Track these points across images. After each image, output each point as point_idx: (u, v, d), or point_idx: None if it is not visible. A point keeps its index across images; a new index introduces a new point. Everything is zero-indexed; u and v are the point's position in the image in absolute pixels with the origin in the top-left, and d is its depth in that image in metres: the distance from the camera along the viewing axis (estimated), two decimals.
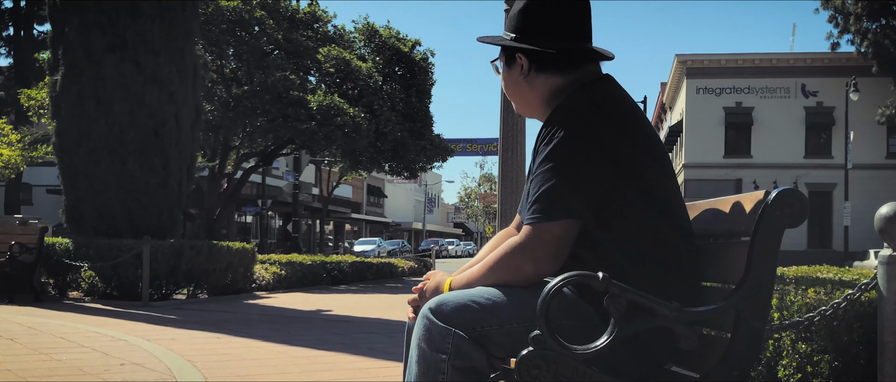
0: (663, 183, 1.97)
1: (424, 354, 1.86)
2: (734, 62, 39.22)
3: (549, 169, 1.90)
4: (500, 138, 9.10)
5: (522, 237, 1.92)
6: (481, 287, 1.95)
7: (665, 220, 1.94)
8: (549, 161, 1.91)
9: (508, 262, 1.93)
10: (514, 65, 2.12)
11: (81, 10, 10.89)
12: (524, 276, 1.92)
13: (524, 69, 2.10)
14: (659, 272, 1.91)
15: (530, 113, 2.20)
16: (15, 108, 26.63)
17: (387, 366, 5.25)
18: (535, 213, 1.91)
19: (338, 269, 16.57)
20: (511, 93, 2.18)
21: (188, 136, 11.63)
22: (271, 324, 7.93)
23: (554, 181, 1.89)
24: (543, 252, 1.90)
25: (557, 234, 1.89)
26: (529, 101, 2.15)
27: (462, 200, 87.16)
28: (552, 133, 1.93)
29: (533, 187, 1.94)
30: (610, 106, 1.95)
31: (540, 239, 1.89)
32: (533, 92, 2.12)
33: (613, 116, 1.94)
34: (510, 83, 2.16)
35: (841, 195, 34.81)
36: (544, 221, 1.89)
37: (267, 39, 19.88)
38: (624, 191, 1.90)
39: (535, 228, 1.90)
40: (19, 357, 5.27)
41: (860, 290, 3.12)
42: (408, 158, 22.69)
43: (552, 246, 1.89)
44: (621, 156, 1.90)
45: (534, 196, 1.92)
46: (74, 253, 10.54)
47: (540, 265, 1.90)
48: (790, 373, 3.42)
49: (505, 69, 2.17)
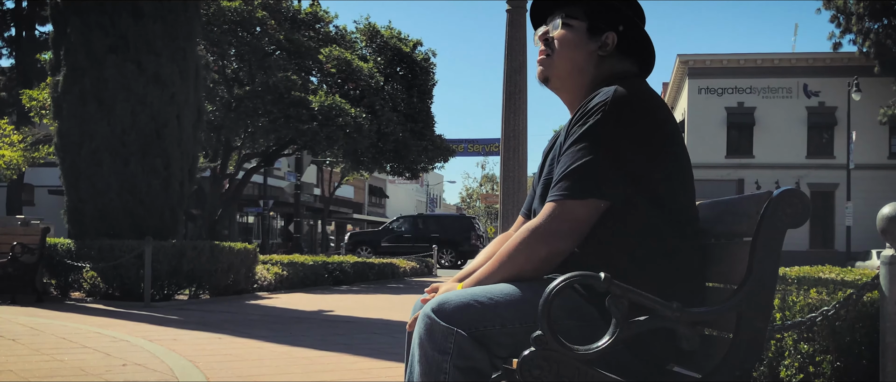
0: (677, 185, 1.96)
1: (426, 353, 1.86)
2: (736, 62, 39.22)
3: (582, 148, 1.88)
4: (502, 139, 9.10)
5: (541, 217, 1.90)
6: (483, 287, 1.94)
7: (669, 221, 1.93)
8: (583, 140, 1.89)
9: (522, 246, 1.91)
10: (597, 37, 2.08)
11: (83, 10, 10.90)
12: (539, 258, 1.89)
13: (609, 46, 2.07)
14: (661, 272, 1.91)
15: (567, 88, 2.15)
16: (17, 108, 26.67)
17: (389, 366, 5.25)
18: (562, 190, 1.88)
19: (339, 269, 16.56)
20: (568, 62, 2.10)
21: (190, 136, 11.63)
22: (273, 324, 7.93)
23: (587, 159, 1.87)
24: (564, 229, 1.87)
25: (581, 213, 1.87)
26: (582, 76, 2.10)
27: (464, 200, 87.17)
28: (591, 114, 1.90)
29: (562, 164, 1.91)
30: (651, 101, 1.95)
31: (562, 217, 1.87)
32: (594, 69, 2.09)
33: (654, 110, 1.94)
34: (576, 52, 2.09)
35: (843, 196, 34.80)
36: (570, 198, 1.87)
37: (268, 40, 19.90)
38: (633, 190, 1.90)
39: (559, 205, 1.88)
40: (21, 358, 5.27)
41: (862, 290, 3.11)
42: (409, 158, 22.69)
43: (574, 224, 1.87)
44: (648, 152, 1.90)
45: (563, 173, 1.89)
46: (76, 254, 10.55)
47: (556, 242, 1.88)
48: (792, 374, 3.42)
49: (580, 36, 2.10)
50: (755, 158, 38.95)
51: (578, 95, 2.11)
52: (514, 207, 8.84)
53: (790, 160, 38.32)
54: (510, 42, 9.02)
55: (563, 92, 2.16)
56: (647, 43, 2.12)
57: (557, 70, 2.13)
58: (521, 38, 9.03)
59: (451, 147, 24.76)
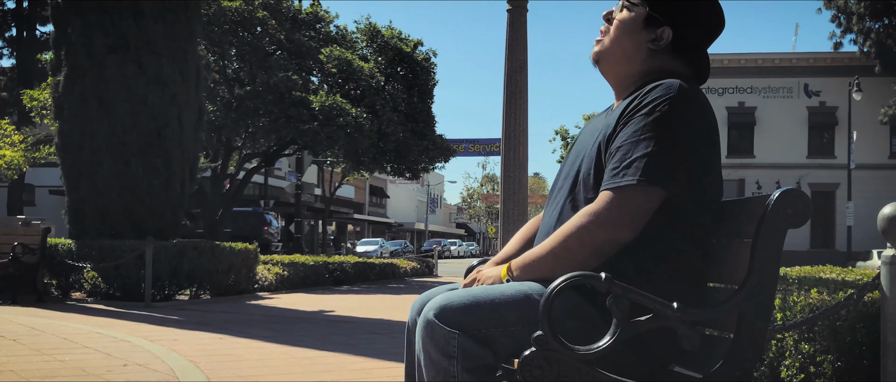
0: (710, 189, 1.96)
1: (432, 358, 1.85)
2: (737, 62, 39.20)
3: (649, 137, 1.86)
4: (503, 139, 9.10)
5: (601, 202, 1.87)
6: (485, 287, 1.94)
7: (673, 222, 1.93)
8: (650, 131, 1.87)
9: (580, 231, 1.88)
10: (652, 28, 2.05)
11: (84, 10, 10.90)
12: (595, 243, 1.86)
13: (663, 41, 2.05)
14: (662, 272, 1.91)
15: (614, 73, 2.13)
16: (18, 108, 26.68)
17: (390, 367, 5.25)
18: (626, 176, 1.86)
19: (340, 269, 16.57)
20: (618, 47, 2.08)
21: (191, 137, 11.63)
22: (274, 325, 7.94)
23: (654, 150, 1.85)
24: (626, 217, 1.85)
25: (644, 201, 1.86)
26: (630, 64, 2.08)
27: (464, 200, 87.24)
28: (657, 104, 1.88)
29: (625, 151, 1.88)
30: (708, 105, 1.96)
31: (625, 205, 1.85)
32: (644, 62, 2.07)
33: (712, 116, 1.96)
34: (629, 40, 2.07)
35: (844, 195, 34.78)
36: (636, 186, 1.85)
37: (269, 40, 19.89)
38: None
39: (621, 191, 1.86)
40: (22, 358, 5.28)
41: (863, 290, 3.11)
42: (410, 158, 22.68)
43: (637, 212, 1.86)
44: (701, 154, 1.91)
45: (628, 160, 1.87)
46: (77, 254, 10.55)
47: (618, 231, 1.86)
48: (793, 374, 3.42)
49: (637, 23, 2.07)
50: (756, 158, 38.93)
51: (625, 83, 2.10)
52: (515, 206, 8.85)
53: (791, 160, 38.30)
54: (511, 42, 9.02)
55: (611, 77, 2.14)
56: (703, 51, 2.09)
57: (609, 53, 2.11)
58: (522, 39, 9.03)
59: (451, 147, 24.75)
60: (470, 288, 1.95)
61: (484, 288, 1.93)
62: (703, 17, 2.08)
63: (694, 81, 2.04)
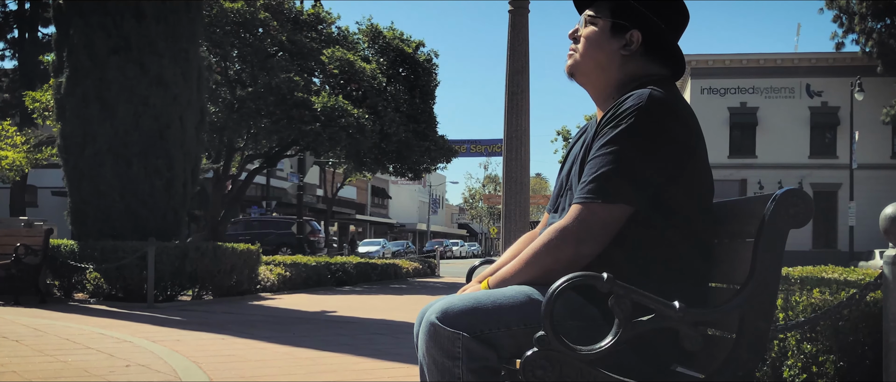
0: (697, 191, 1.95)
1: (436, 360, 1.86)
2: (738, 62, 39.17)
3: (613, 151, 1.87)
4: (505, 139, 9.09)
5: (569, 218, 1.89)
6: (486, 290, 1.95)
7: (677, 224, 1.93)
8: (614, 144, 1.87)
9: (548, 247, 1.90)
10: (620, 36, 2.05)
11: (86, 12, 10.91)
12: (565, 259, 1.88)
13: (634, 45, 2.04)
14: (663, 272, 1.91)
15: (592, 84, 2.12)
16: (20, 110, 26.68)
17: (392, 367, 5.25)
18: (589, 193, 1.87)
19: (342, 270, 16.58)
20: (590, 60, 2.08)
21: (192, 138, 11.64)
22: (276, 325, 7.94)
23: (617, 164, 1.86)
24: (590, 233, 1.87)
25: (607, 217, 1.86)
26: (605, 74, 2.08)
27: (466, 201, 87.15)
28: (624, 117, 1.88)
29: (592, 166, 1.89)
30: (681, 107, 1.94)
31: (588, 220, 1.87)
32: (619, 70, 2.06)
33: (686, 118, 1.93)
34: (600, 52, 2.07)
35: (846, 195, 34.74)
36: (598, 201, 1.86)
37: (271, 41, 19.89)
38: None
39: (587, 208, 1.87)
40: (25, 359, 5.28)
41: (865, 290, 3.11)
42: (412, 159, 22.69)
43: (600, 228, 1.87)
44: (676, 160, 1.89)
45: (592, 175, 1.88)
46: (79, 255, 10.56)
47: (582, 246, 1.87)
48: (795, 373, 3.42)
49: (604, 35, 2.07)
50: (758, 158, 38.89)
51: (604, 93, 2.10)
52: (517, 207, 8.85)
53: (793, 160, 38.26)
54: (512, 43, 9.02)
55: (589, 88, 2.15)
56: (674, 46, 2.08)
57: (582, 66, 2.11)
58: (524, 40, 9.02)
59: (453, 148, 24.74)
60: (472, 293, 1.96)
61: (485, 291, 1.94)
62: (666, 13, 2.08)
63: (671, 80, 2.05)
